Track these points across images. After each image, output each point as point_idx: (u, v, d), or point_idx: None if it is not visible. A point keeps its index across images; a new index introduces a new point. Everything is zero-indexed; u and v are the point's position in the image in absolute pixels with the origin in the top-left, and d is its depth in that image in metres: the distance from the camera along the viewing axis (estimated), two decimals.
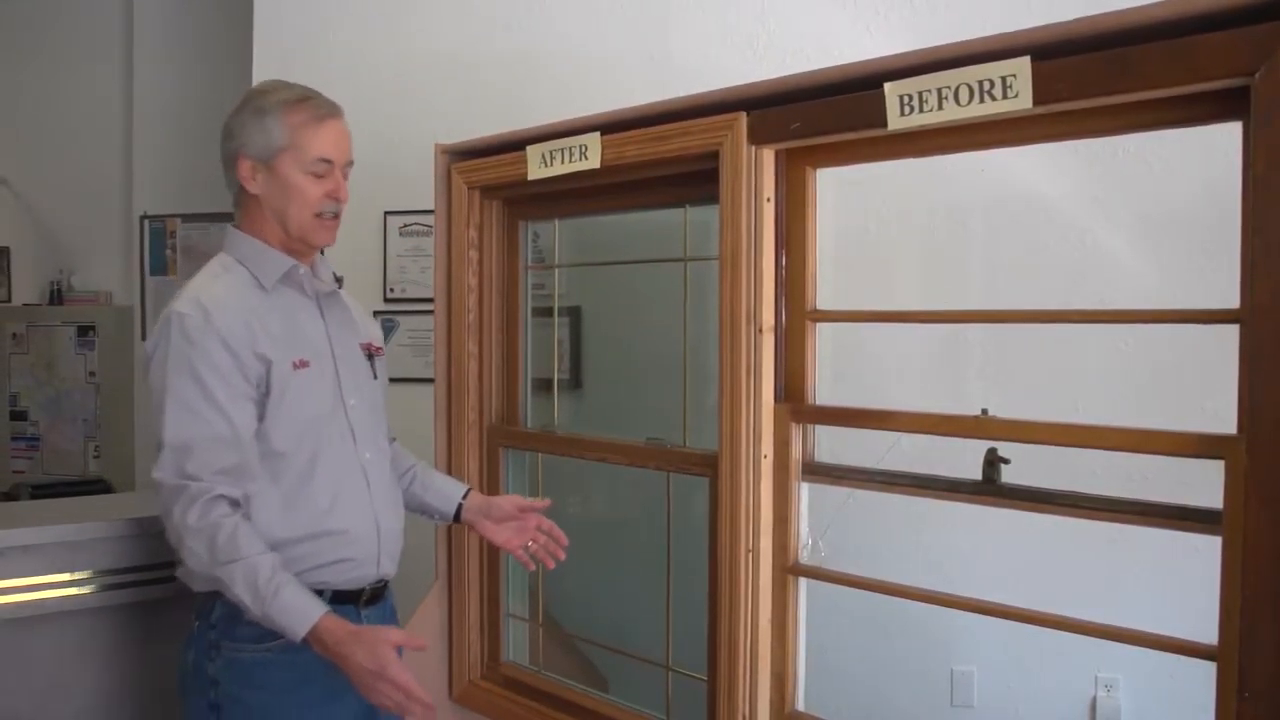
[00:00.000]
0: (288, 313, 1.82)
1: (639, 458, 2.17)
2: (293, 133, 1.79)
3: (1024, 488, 1.63)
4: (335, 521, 1.80)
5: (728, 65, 3.05)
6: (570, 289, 2.59)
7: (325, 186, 1.82)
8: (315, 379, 1.80)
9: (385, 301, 3.70)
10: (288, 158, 1.79)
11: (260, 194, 1.82)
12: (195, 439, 1.67)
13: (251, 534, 1.68)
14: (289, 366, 1.76)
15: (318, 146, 1.81)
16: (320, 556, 1.79)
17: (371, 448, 1.89)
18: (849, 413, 1.83)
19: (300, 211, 1.81)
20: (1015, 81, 1.45)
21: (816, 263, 1.86)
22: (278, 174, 1.80)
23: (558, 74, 3.29)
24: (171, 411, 1.68)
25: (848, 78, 1.66)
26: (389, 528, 1.91)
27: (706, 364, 1.97)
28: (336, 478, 1.81)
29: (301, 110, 1.81)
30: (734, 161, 1.82)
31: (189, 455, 1.67)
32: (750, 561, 1.87)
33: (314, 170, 1.81)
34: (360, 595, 1.86)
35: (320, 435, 1.80)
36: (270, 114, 1.80)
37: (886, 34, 3.00)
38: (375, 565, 1.88)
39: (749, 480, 1.86)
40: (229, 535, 1.65)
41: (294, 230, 1.82)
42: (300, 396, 1.77)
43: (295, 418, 1.76)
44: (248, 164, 1.80)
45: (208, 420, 1.68)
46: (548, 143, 2.14)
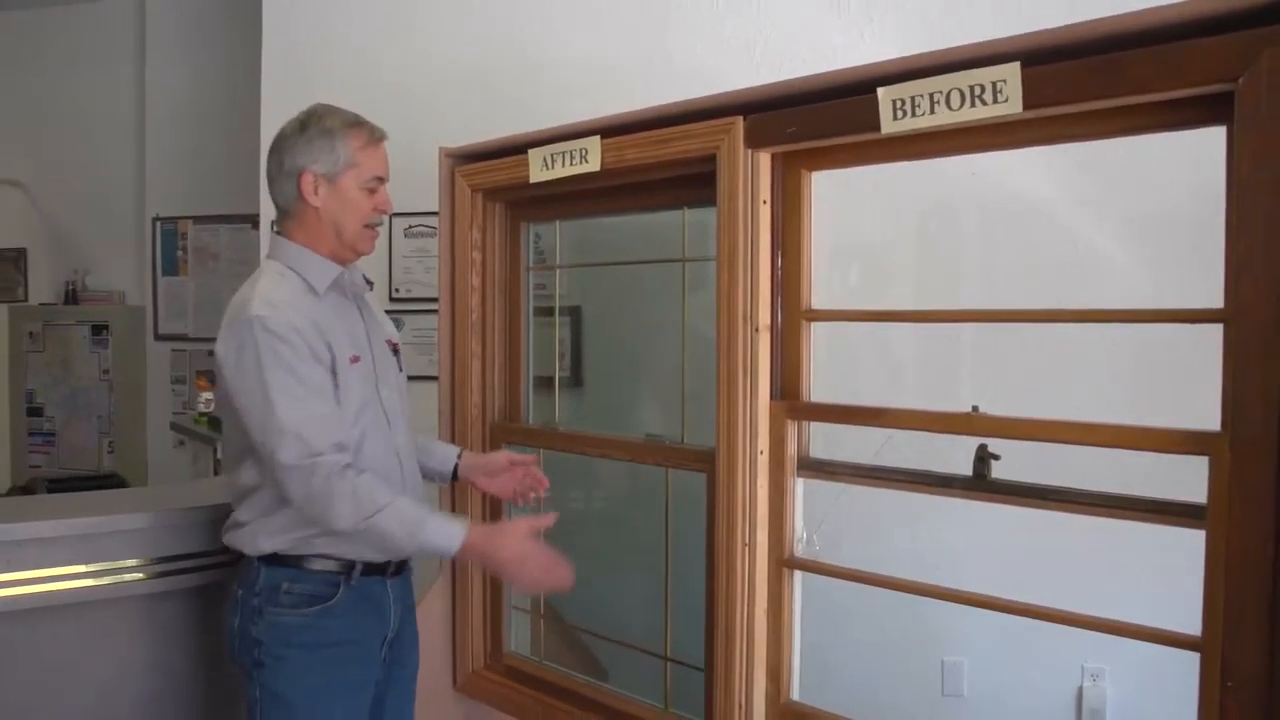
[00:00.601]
0: (338, 314, 1.96)
1: (638, 454, 2.17)
2: (356, 153, 1.95)
3: (1014, 483, 1.63)
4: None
5: (725, 70, 3.05)
6: (571, 289, 2.59)
7: (376, 200, 1.98)
8: (363, 372, 1.95)
9: (391, 301, 3.70)
10: (350, 175, 1.94)
11: (321, 206, 1.95)
12: (307, 421, 1.80)
13: (381, 484, 1.85)
14: (346, 361, 1.91)
15: (373, 166, 1.97)
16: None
17: (402, 434, 2.03)
18: (843, 410, 1.83)
19: (355, 222, 1.96)
20: (1005, 86, 1.45)
21: (812, 263, 1.86)
22: (340, 189, 1.94)
23: (559, 79, 3.29)
24: (280, 402, 1.80)
25: (842, 83, 1.66)
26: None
27: (704, 362, 1.97)
28: (376, 461, 1.93)
29: (361, 134, 1.96)
30: (731, 164, 1.82)
31: (308, 436, 1.79)
32: (747, 555, 1.87)
33: (369, 186, 1.97)
34: (387, 567, 1.98)
35: (368, 423, 1.93)
36: (337, 136, 1.94)
37: (880, 40, 3.00)
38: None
39: (746, 476, 1.86)
40: (367, 491, 1.81)
41: (347, 239, 1.96)
42: (354, 387, 1.91)
43: (350, 407, 1.90)
44: (311, 178, 1.93)
45: (313, 404, 1.82)
46: (549, 146, 2.14)
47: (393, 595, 2.00)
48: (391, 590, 1.99)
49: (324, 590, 1.89)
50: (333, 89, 3.68)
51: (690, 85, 2.08)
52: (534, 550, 1.86)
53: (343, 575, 1.90)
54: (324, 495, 1.79)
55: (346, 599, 1.91)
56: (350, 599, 1.91)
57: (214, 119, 5.03)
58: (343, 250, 1.97)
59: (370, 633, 1.96)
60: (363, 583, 1.93)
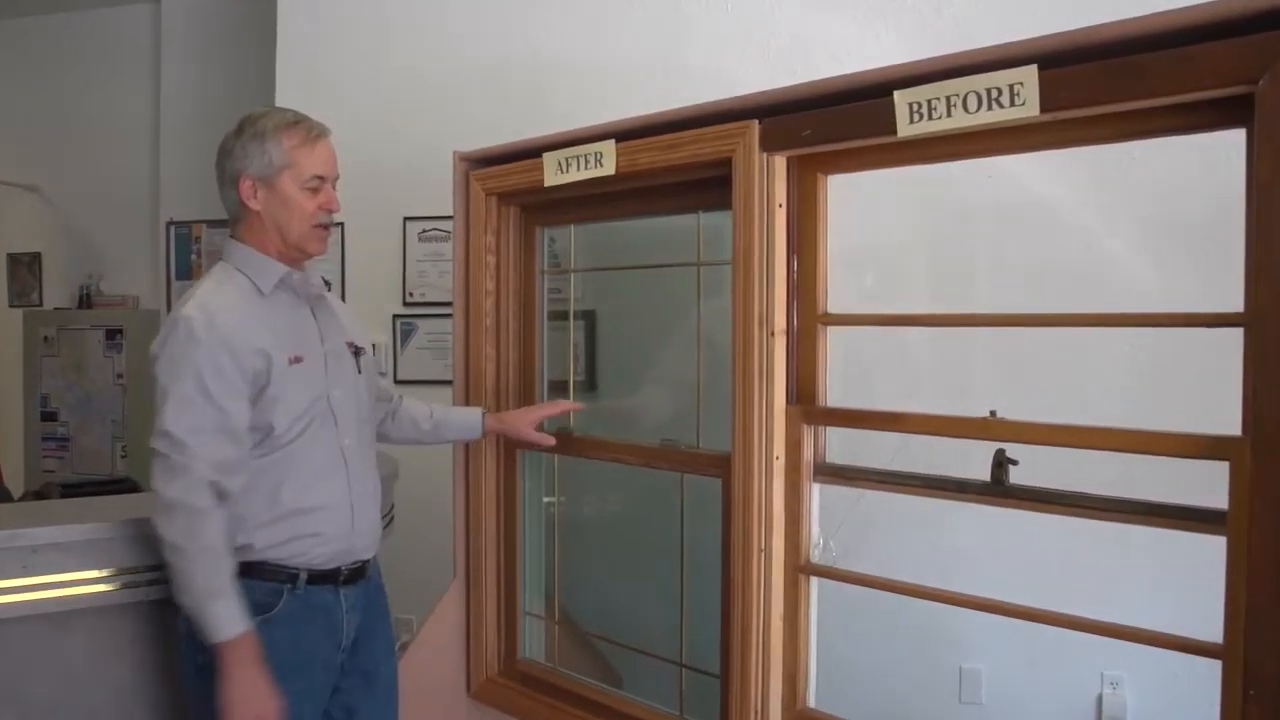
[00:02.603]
0: (284, 314, 1.95)
1: (653, 459, 2.17)
2: (290, 153, 1.92)
3: (1031, 488, 1.62)
4: (311, 498, 1.92)
5: (740, 73, 3.05)
6: (586, 293, 2.59)
7: (319, 200, 1.95)
8: (307, 372, 1.93)
9: (405, 305, 3.72)
10: (287, 175, 1.92)
11: (261, 209, 1.94)
12: (194, 428, 1.80)
13: (224, 531, 1.81)
14: (285, 362, 1.90)
15: (312, 164, 1.94)
16: (296, 530, 1.90)
17: (352, 435, 2.00)
18: (859, 414, 1.83)
19: (300, 223, 1.94)
20: (1023, 89, 1.45)
21: (828, 267, 1.86)
22: (278, 191, 1.93)
23: (574, 83, 3.30)
24: (174, 403, 1.81)
25: (858, 86, 1.66)
26: (364, 509, 2.01)
27: (720, 367, 1.97)
28: (318, 459, 1.93)
29: (297, 133, 1.94)
30: (746, 168, 1.83)
31: (189, 443, 1.79)
32: (763, 561, 1.87)
33: (310, 186, 1.94)
34: (338, 574, 1.96)
35: (309, 422, 1.92)
36: (269, 137, 1.92)
37: (896, 43, 3.00)
38: (348, 542, 1.97)
39: (761, 481, 1.86)
40: (207, 523, 1.78)
41: (293, 240, 1.95)
42: (295, 388, 1.90)
43: (290, 406, 1.89)
44: (249, 183, 1.93)
45: (206, 413, 1.81)
46: (563, 150, 2.15)
47: (346, 604, 1.96)
48: (345, 598, 1.96)
49: (266, 599, 1.86)
50: (347, 94, 3.72)
51: (705, 89, 2.09)
52: (261, 707, 1.78)
53: (287, 584, 1.88)
54: (170, 498, 1.78)
55: (291, 609, 1.88)
56: (295, 609, 1.88)
57: (228, 124, 5.04)
58: (290, 252, 1.96)
59: (319, 644, 1.93)
60: (310, 591, 1.90)
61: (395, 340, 3.73)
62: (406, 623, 3.42)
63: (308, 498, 1.91)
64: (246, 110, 2.01)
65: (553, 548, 2.44)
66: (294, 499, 1.89)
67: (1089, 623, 1.55)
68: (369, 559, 2.03)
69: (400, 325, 3.73)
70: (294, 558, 1.89)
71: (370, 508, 2.03)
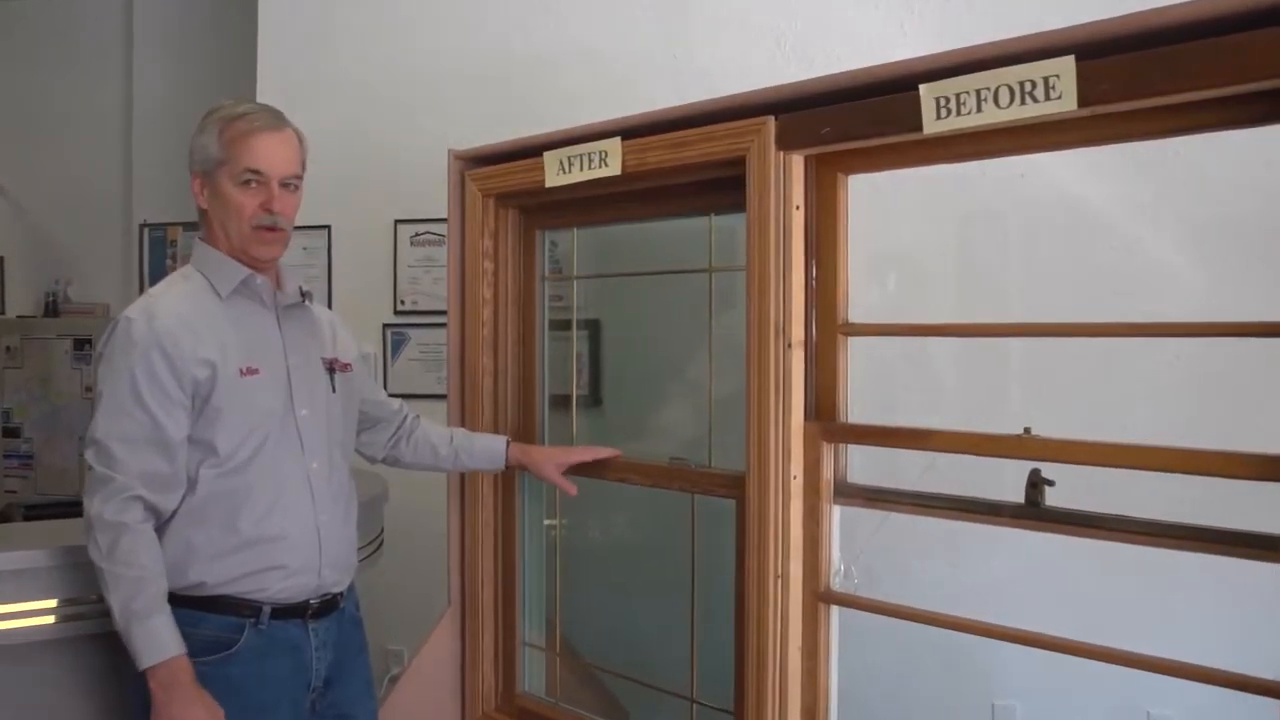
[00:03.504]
0: (241, 321, 1.94)
1: (662, 479, 2.17)
2: (226, 147, 1.91)
3: (1069, 511, 1.62)
4: (271, 527, 1.89)
5: (754, 66, 3.06)
6: (589, 301, 2.60)
7: (258, 198, 1.92)
8: (264, 387, 1.92)
9: (396, 314, 3.72)
10: (224, 171, 1.91)
11: (208, 208, 1.95)
12: (124, 438, 1.80)
13: (154, 549, 1.81)
14: (235, 372, 1.88)
15: (246, 158, 1.90)
16: (256, 562, 1.88)
17: (321, 458, 1.98)
18: (883, 431, 1.83)
19: (237, 224, 1.92)
20: (1059, 82, 1.45)
21: (848, 273, 1.86)
22: (217, 188, 1.92)
23: (576, 77, 3.31)
24: (105, 410, 1.82)
25: (881, 79, 1.67)
26: (333, 539, 1.98)
27: (733, 380, 1.97)
28: (277, 484, 1.91)
29: (237, 125, 1.91)
30: (761, 168, 1.83)
31: (117, 452, 1.80)
32: (779, 588, 1.87)
33: (244, 180, 1.90)
34: (306, 608, 1.94)
35: (264, 442, 1.90)
36: (209, 130, 1.93)
37: (922, 32, 3.01)
38: (316, 574, 1.94)
39: (778, 502, 1.86)
40: (131, 541, 1.78)
41: (235, 242, 1.93)
42: (245, 402, 1.89)
43: (239, 423, 1.87)
44: (197, 180, 1.94)
45: (138, 422, 1.81)
46: (566, 149, 2.16)
47: (317, 640, 1.94)
48: (315, 635, 1.94)
49: (225, 636, 1.84)
50: (334, 88, 3.74)
51: (717, 83, 2.10)
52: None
53: (249, 618, 1.86)
54: (95, 515, 1.78)
55: (254, 645, 1.86)
56: (259, 645, 1.86)
57: None
58: (236, 254, 1.94)
59: (285, 683, 1.91)
60: (275, 627, 1.88)
61: (385, 351, 3.74)
62: (397, 655, 3.42)
63: (268, 526, 1.88)
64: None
65: (554, 574, 2.44)
66: (253, 527, 1.87)
67: (1133, 656, 1.54)
68: (341, 591, 2.02)
69: (391, 335, 3.74)
70: (255, 591, 1.87)
71: (340, 537, 2.01)
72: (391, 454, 2.29)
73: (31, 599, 2.04)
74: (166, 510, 1.83)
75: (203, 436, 1.85)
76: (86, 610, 2.04)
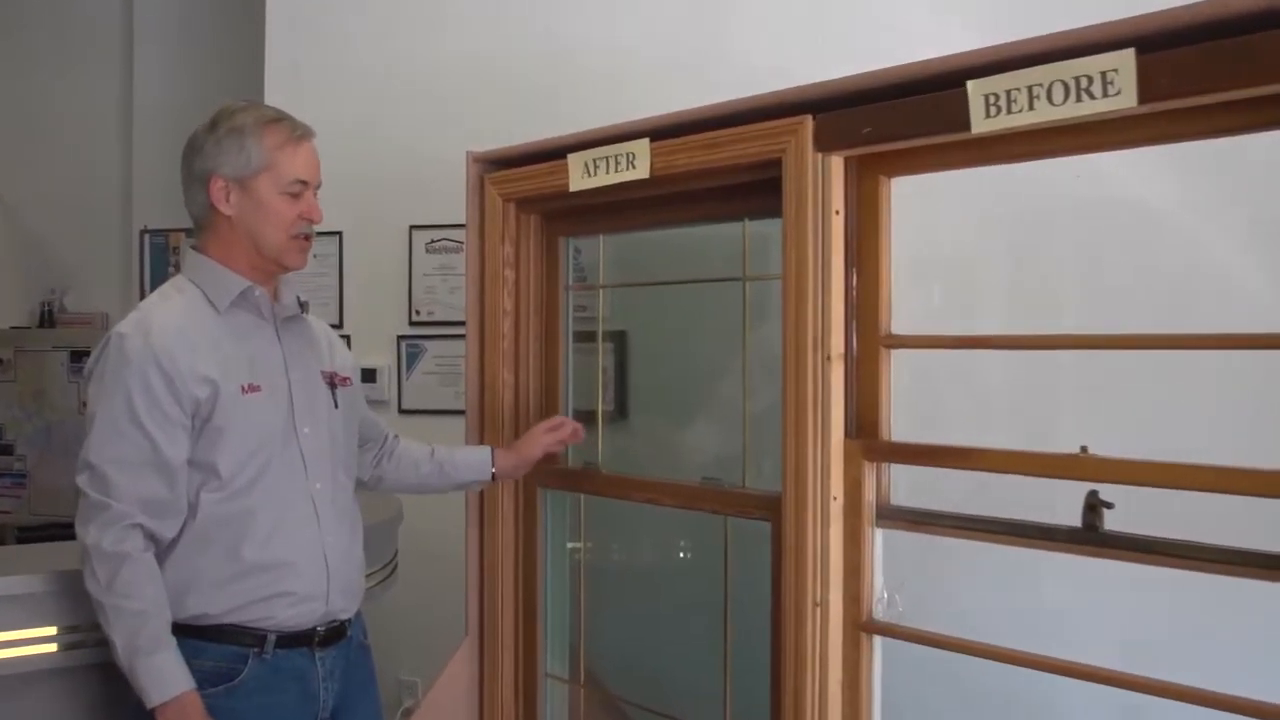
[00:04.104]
0: (241, 336, 1.96)
1: (693, 500, 2.18)
2: (271, 153, 1.94)
3: (1130, 536, 1.61)
4: (276, 552, 1.91)
5: (790, 62, 3.06)
6: (616, 311, 2.61)
7: (299, 207, 1.97)
8: (265, 405, 1.93)
9: (410, 325, 3.74)
10: (266, 178, 1.94)
11: (234, 215, 1.96)
12: (121, 461, 1.82)
13: (155, 580, 1.83)
14: (237, 390, 1.90)
15: (294, 168, 1.96)
16: (261, 590, 1.90)
17: (324, 479, 2.00)
18: (929, 450, 1.83)
19: (275, 232, 1.96)
20: (1118, 77, 1.45)
21: (891, 282, 1.87)
22: (254, 194, 1.94)
23: (601, 74, 3.33)
24: (100, 432, 1.83)
25: (926, 75, 1.68)
26: (341, 562, 2.00)
27: (768, 395, 1.98)
28: (280, 507, 1.92)
29: (279, 131, 1.96)
30: (798, 170, 1.84)
31: (113, 477, 1.81)
32: (818, 617, 1.87)
33: (290, 191, 1.96)
34: (312, 636, 1.96)
35: (267, 463, 1.92)
36: (248, 134, 1.94)
37: (969, 25, 3.00)
38: (324, 601, 1.97)
39: (816, 525, 1.87)
40: (133, 572, 1.80)
41: (268, 251, 1.96)
42: (248, 421, 1.90)
43: (242, 443, 1.89)
44: (221, 183, 1.94)
45: (135, 444, 1.82)
46: (591, 150, 2.17)
47: (324, 669, 1.98)
48: (322, 664, 1.98)
49: (228, 666, 1.87)
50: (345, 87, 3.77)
51: (751, 80, 2.10)
52: None
53: (253, 648, 1.89)
54: (93, 545, 1.80)
55: (258, 675, 1.89)
56: (263, 675, 1.89)
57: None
58: (265, 264, 1.98)
59: (291, 715, 1.94)
60: (280, 656, 1.91)
61: (399, 364, 3.75)
62: (411, 686, 3.43)
63: (272, 552, 1.90)
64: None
65: (578, 600, 2.45)
66: (257, 553, 1.89)
67: (1199, 693, 1.53)
68: (349, 618, 2.04)
69: (405, 347, 3.76)
70: (260, 620, 1.89)
71: (349, 561, 2.03)
72: (375, 474, 2.31)
73: (31, 626, 2.06)
74: (166, 538, 1.85)
75: (203, 459, 1.87)
76: (89, 639, 2.05)
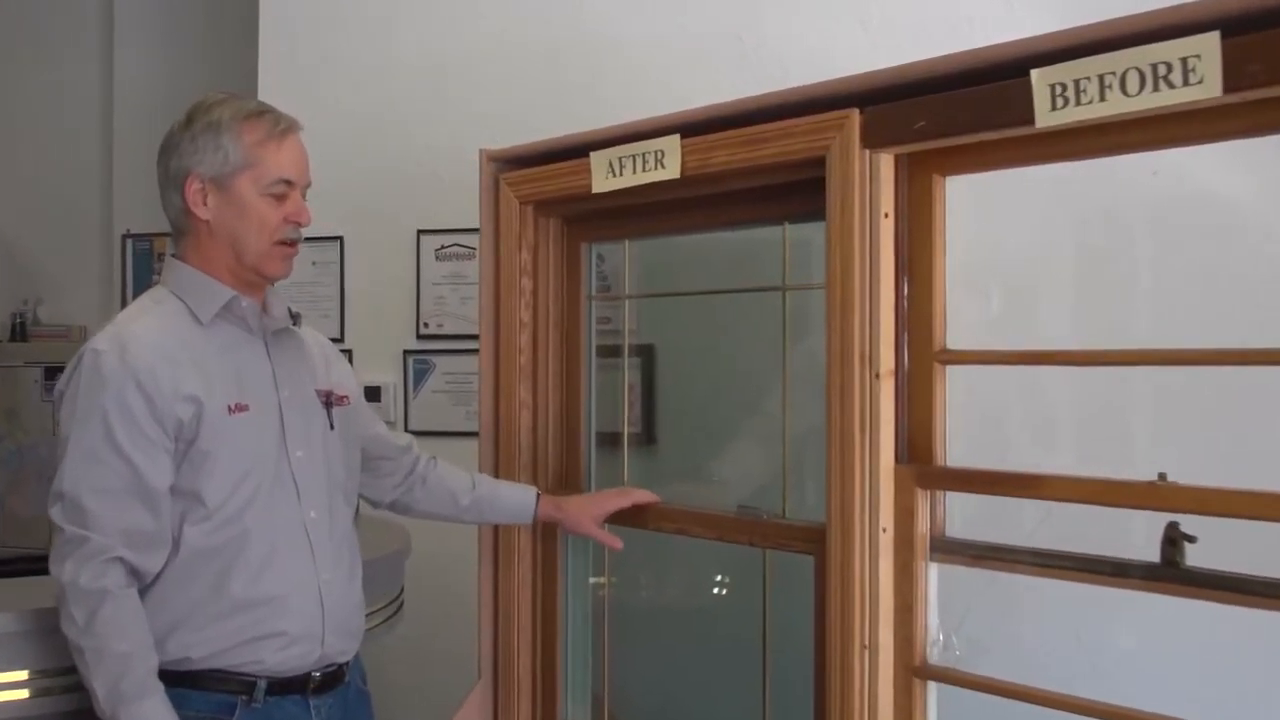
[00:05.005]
0: (226, 351, 1.96)
1: (728, 531, 2.18)
2: (251, 149, 1.93)
3: (1214, 573, 1.61)
4: (266, 588, 1.91)
5: (835, 50, 3.07)
6: (643, 324, 2.62)
7: (285, 210, 1.96)
8: (254, 425, 1.93)
9: (418, 339, 3.75)
10: (246, 177, 1.93)
11: (211, 219, 1.95)
12: (98, 489, 1.81)
13: (139, 618, 1.82)
14: (223, 410, 1.89)
15: (278, 165, 1.94)
16: (249, 630, 1.89)
17: (319, 506, 2.00)
18: (988, 476, 1.82)
19: (257, 237, 1.95)
20: (1199, 64, 1.45)
21: (946, 291, 1.87)
22: (234, 195, 1.94)
23: (627, 64, 3.34)
24: (74, 459, 1.83)
25: (985, 64, 1.68)
26: (337, 600, 2.00)
27: (811, 416, 1.98)
28: (270, 539, 1.92)
29: (260, 125, 1.95)
30: (844, 169, 1.85)
31: (91, 507, 1.80)
32: (867, 660, 1.87)
33: (273, 191, 1.95)
34: (307, 682, 1.95)
35: (255, 489, 1.92)
36: (225, 130, 1.94)
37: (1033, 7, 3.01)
38: (319, 643, 1.96)
39: (864, 559, 1.86)
40: (114, 610, 1.79)
41: (249, 258, 1.95)
42: (235, 444, 1.90)
43: (229, 468, 1.89)
44: (197, 184, 1.94)
45: (114, 471, 1.82)
46: (616, 148, 2.19)
47: (318, 718, 1.98)
48: (317, 712, 1.98)
49: (215, 716, 1.87)
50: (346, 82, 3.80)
51: (791, 70, 2.12)
52: None
53: (241, 695, 1.89)
54: (69, 582, 1.79)
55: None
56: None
57: None
58: (244, 272, 1.97)
59: None
60: (271, 704, 1.91)
61: (406, 381, 3.76)
62: None
63: (263, 587, 1.90)
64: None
65: (601, 641, 2.45)
66: (245, 589, 1.88)
67: None
68: (346, 661, 2.04)
69: (413, 363, 3.76)
70: (249, 664, 1.89)
71: (345, 598, 2.03)
72: (402, 500, 2.32)
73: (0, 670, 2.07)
74: (150, 572, 1.85)
75: (187, 486, 1.87)
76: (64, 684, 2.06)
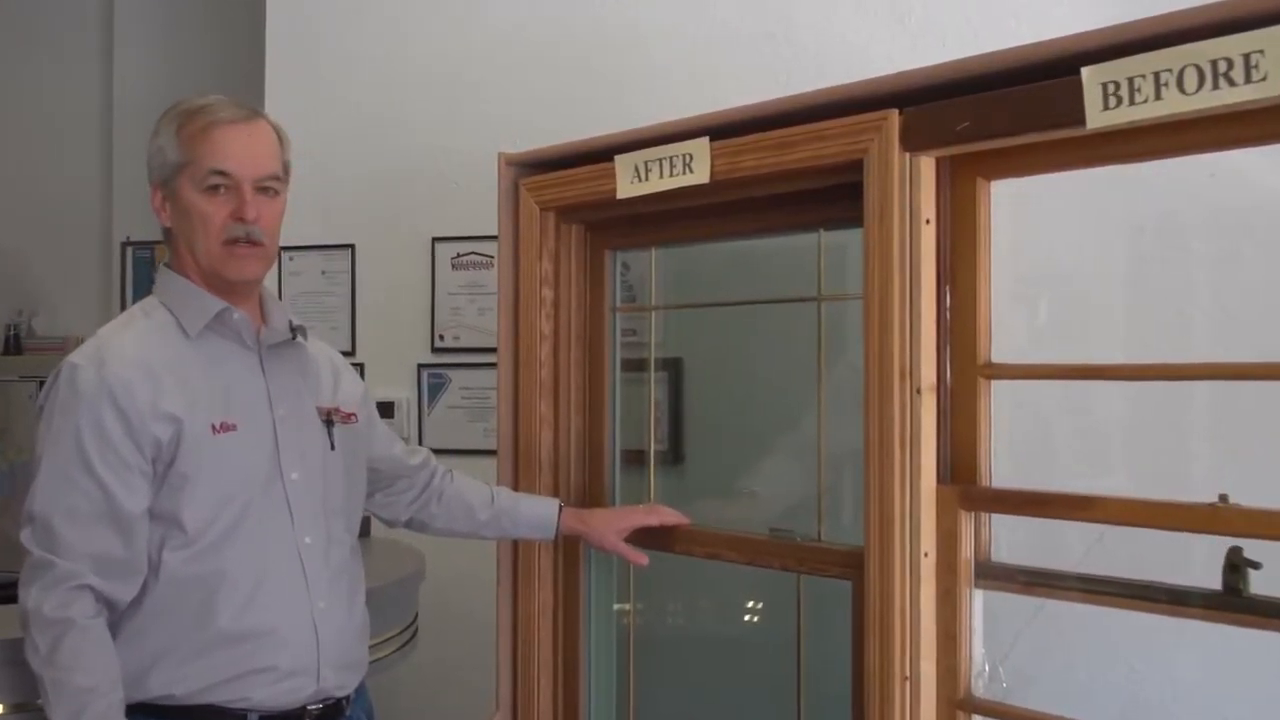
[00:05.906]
0: (215, 366, 1.96)
1: (760, 555, 2.18)
2: (185, 146, 1.93)
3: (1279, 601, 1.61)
4: (255, 620, 1.90)
5: (873, 48, 3.07)
6: (670, 336, 2.63)
7: (227, 206, 1.93)
8: (243, 445, 1.92)
9: (433, 352, 3.75)
10: (184, 176, 1.93)
11: (173, 225, 1.97)
12: (69, 513, 1.81)
13: (105, 650, 1.81)
14: (207, 429, 1.89)
15: (210, 158, 1.92)
16: (237, 664, 1.88)
17: (315, 532, 1.99)
18: (1036, 498, 1.82)
19: (205, 239, 1.93)
20: (1263, 59, 1.44)
21: (991, 302, 1.87)
22: (179, 198, 1.94)
23: (653, 64, 3.34)
24: (45, 479, 1.84)
25: (1032, 62, 1.68)
26: (334, 630, 1.99)
27: (848, 434, 1.98)
28: (261, 565, 1.91)
29: (197, 119, 1.95)
30: (883, 173, 1.85)
31: (60, 531, 1.80)
32: (908, 692, 1.87)
33: (209, 185, 1.92)
34: (301, 716, 1.95)
35: (243, 513, 1.91)
36: (164, 130, 1.96)
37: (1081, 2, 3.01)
38: (314, 677, 1.95)
39: (905, 585, 1.86)
40: (78, 641, 1.78)
41: (204, 261, 1.95)
42: (219, 466, 1.89)
43: (212, 491, 1.88)
44: (157, 192, 1.97)
45: (85, 493, 1.82)
46: (642, 151, 2.20)
47: None
48: None
49: None
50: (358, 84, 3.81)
51: (827, 69, 2.13)
52: None
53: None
54: (34, 609, 1.79)
55: None
56: None
57: None
58: (210, 278, 1.95)
59: None
60: None
61: (420, 397, 3.76)
62: None
63: (252, 618, 1.89)
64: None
65: (626, 670, 2.45)
66: (233, 621, 1.87)
67: None
68: (347, 695, 2.04)
69: (427, 378, 3.77)
70: (237, 701, 1.88)
71: (344, 628, 2.02)
72: (418, 517, 2.32)
73: None
74: (121, 601, 1.84)
75: (165, 510, 1.86)
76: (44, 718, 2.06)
